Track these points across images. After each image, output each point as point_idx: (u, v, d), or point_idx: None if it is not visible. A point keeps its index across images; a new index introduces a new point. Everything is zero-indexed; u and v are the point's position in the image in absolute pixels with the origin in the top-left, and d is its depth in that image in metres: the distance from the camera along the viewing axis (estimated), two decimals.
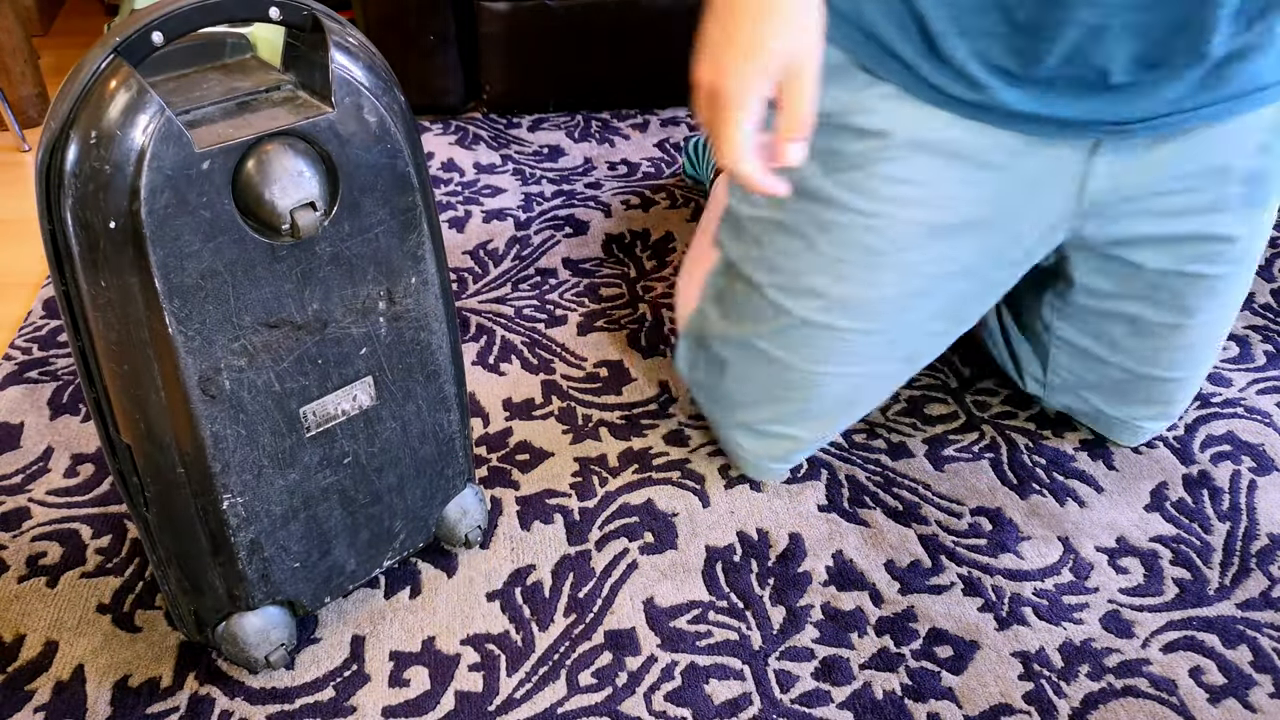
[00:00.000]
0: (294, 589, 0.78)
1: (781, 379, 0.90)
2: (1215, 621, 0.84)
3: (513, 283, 1.26)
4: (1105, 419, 1.00)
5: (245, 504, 0.71)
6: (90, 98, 0.58)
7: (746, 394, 0.93)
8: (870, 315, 0.87)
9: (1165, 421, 0.99)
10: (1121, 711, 0.77)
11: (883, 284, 0.85)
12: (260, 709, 0.77)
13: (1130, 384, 0.96)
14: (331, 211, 0.66)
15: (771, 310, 0.89)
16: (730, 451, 0.97)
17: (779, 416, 0.92)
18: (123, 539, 0.91)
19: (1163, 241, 0.87)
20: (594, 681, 0.79)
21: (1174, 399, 0.97)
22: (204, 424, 0.67)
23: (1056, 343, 0.98)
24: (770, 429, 0.93)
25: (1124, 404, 0.98)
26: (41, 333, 1.16)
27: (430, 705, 0.77)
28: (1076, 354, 0.97)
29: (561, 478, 0.98)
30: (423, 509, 0.84)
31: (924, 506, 0.95)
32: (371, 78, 0.66)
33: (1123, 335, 0.94)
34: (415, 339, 0.76)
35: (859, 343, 0.88)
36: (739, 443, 0.95)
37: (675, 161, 1.51)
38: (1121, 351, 0.94)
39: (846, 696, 0.78)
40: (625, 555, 0.90)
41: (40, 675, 0.79)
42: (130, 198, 0.59)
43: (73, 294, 0.63)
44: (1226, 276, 0.89)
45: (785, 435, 0.93)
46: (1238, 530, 0.92)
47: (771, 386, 0.91)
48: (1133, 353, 0.94)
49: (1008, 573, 0.88)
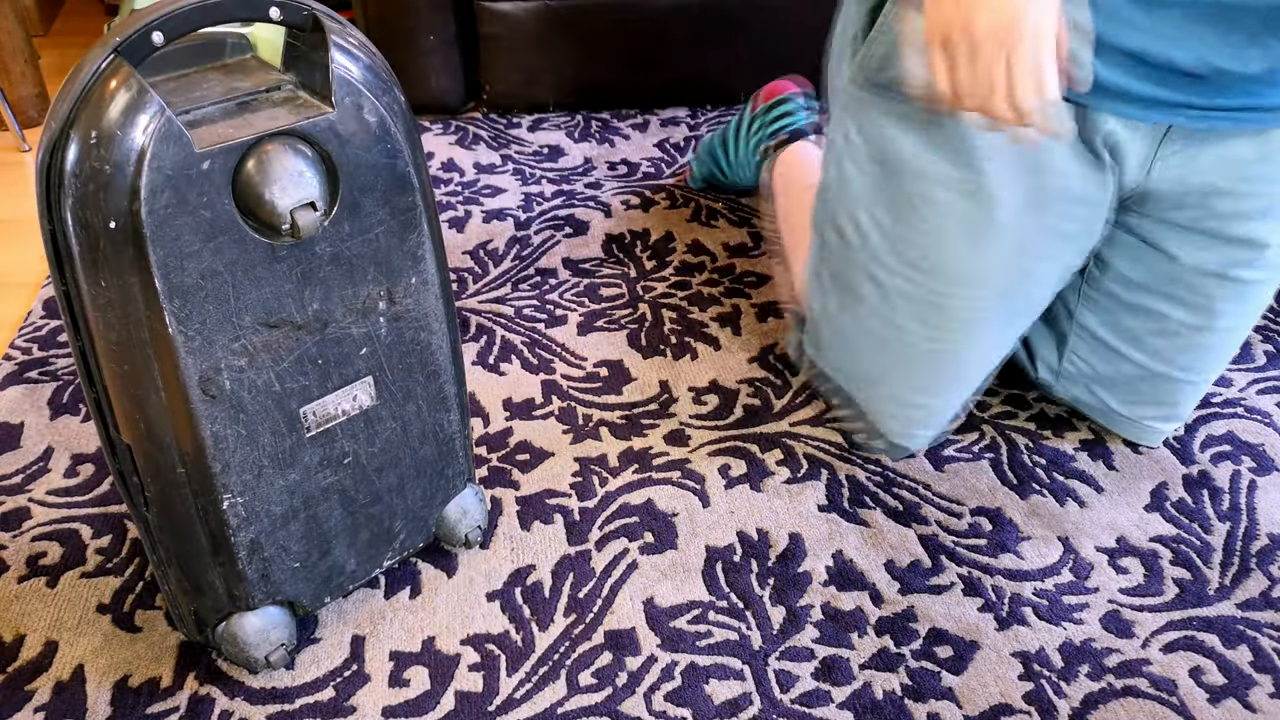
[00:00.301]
0: (294, 589, 0.78)
1: (901, 350, 0.93)
2: (1215, 621, 0.84)
3: (513, 283, 1.26)
4: (1112, 415, 1.00)
5: (245, 504, 0.71)
6: (90, 98, 0.58)
7: (872, 367, 0.96)
8: (975, 283, 0.88)
9: (1174, 422, 0.99)
10: (1121, 711, 0.77)
11: (983, 253, 0.87)
12: (260, 709, 0.77)
13: (1143, 381, 0.96)
14: (331, 211, 0.66)
15: (880, 283, 0.91)
16: (868, 425, 0.99)
17: (909, 386, 0.94)
18: (123, 539, 0.91)
19: (1206, 238, 0.87)
20: (594, 681, 0.79)
21: (1182, 400, 0.97)
22: (204, 424, 0.67)
23: (1078, 330, 0.99)
24: (905, 398, 0.95)
25: (1133, 402, 0.98)
26: (42, 333, 1.16)
27: (430, 705, 0.77)
28: (1095, 345, 0.98)
29: (561, 478, 0.98)
30: (423, 509, 0.84)
31: (924, 506, 0.95)
32: (371, 78, 0.66)
33: (1145, 331, 0.94)
34: (415, 339, 0.76)
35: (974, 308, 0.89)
36: (876, 415, 0.98)
37: (675, 161, 1.51)
38: (1141, 348, 0.95)
39: (846, 696, 0.78)
40: (625, 555, 0.90)
41: (40, 675, 0.79)
42: (130, 198, 0.59)
43: (73, 294, 0.63)
44: (1256, 283, 0.89)
45: (916, 405, 0.95)
46: (1238, 530, 0.92)
47: (894, 357, 0.94)
48: (1151, 350, 0.94)
49: (1008, 573, 0.88)
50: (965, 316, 0.90)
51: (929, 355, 0.93)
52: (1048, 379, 1.03)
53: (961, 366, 0.94)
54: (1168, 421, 0.99)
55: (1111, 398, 0.99)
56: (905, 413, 0.97)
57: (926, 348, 0.92)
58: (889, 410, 0.97)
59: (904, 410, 0.96)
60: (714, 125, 1.61)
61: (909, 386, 0.95)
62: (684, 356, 1.13)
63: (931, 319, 0.91)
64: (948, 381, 0.95)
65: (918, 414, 0.96)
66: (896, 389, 0.96)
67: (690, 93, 1.65)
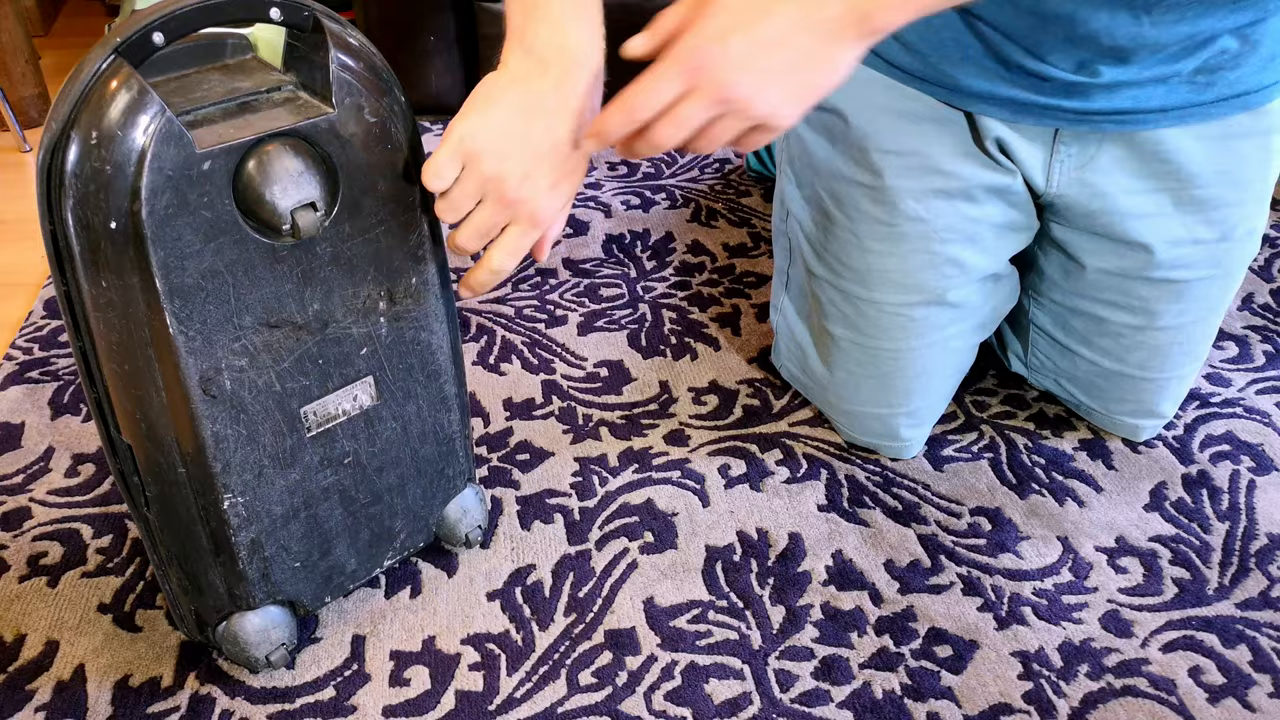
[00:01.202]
0: (295, 588, 0.78)
1: (851, 358, 0.94)
2: (1214, 621, 0.84)
3: (513, 283, 1.26)
4: (1087, 409, 1.01)
5: (246, 504, 0.71)
6: (91, 98, 0.59)
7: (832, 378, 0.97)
8: (894, 287, 0.89)
9: (1154, 419, 0.99)
10: (1121, 711, 0.77)
11: (901, 253, 0.87)
12: (261, 708, 0.77)
13: (1102, 379, 0.97)
14: (332, 212, 0.67)
15: (824, 287, 0.93)
16: (850, 437, 1.00)
17: (865, 398, 0.95)
18: (123, 539, 0.91)
19: (1105, 241, 0.88)
20: (594, 681, 0.79)
21: (1151, 398, 0.97)
22: (205, 424, 0.67)
23: (1034, 329, 1.00)
24: (862, 410, 0.96)
25: (1100, 398, 0.99)
26: (42, 333, 1.16)
27: (431, 705, 0.78)
28: (1052, 343, 0.99)
29: (561, 477, 0.98)
30: (423, 509, 0.84)
31: (923, 506, 0.95)
32: (372, 78, 0.66)
33: (1089, 331, 0.95)
34: (416, 339, 0.76)
35: (909, 314, 0.90)
36: (843, 428, 0.99)
37: (675, 161, 1.52)
38: (1091, 348, 0.96)
39: (846, 696, 0.78)
40: (625, 555, 0.90)
41: (41, 675, 0.80)
42: (131, 198, 0.59)
43: (74, 294, 0.63)
44: (1193, 281, 0.89)
45: (876, 415, 0.96)
46: (1237, 530, 0.92)
47: (847, 367, 0.95)
48: (1101, 350, 0.95)
49: (1007, 572, 0.88)
50: (894, 324, 0.90)
51: (868, 366, 0.94)
52: (1020, 370, 1.05)
53: (906, 379, 0.94)
54: (1144, 418, 0.99)
55: (1079, 392, 1.00)
56: (861, 423, 0.97)
57: (858, 357, 0.94)
58: (842, 421, 0.99)
59: (859, 421, 0.97)
60: None
61: (855, 399, 0.96)
62: (684, 357, 1.13)
63: (864, 328, 0.92)
64: (896, 394, 0.94)
65: (872, 424, 0.97)
66: (842, 400, 0.97)
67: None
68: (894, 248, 0.88)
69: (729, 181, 1.47)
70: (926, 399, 0.96)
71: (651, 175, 1.48)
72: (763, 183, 1.47)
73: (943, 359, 0.95)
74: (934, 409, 0.98)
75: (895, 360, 0.92)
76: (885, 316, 0.90)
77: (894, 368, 0.93)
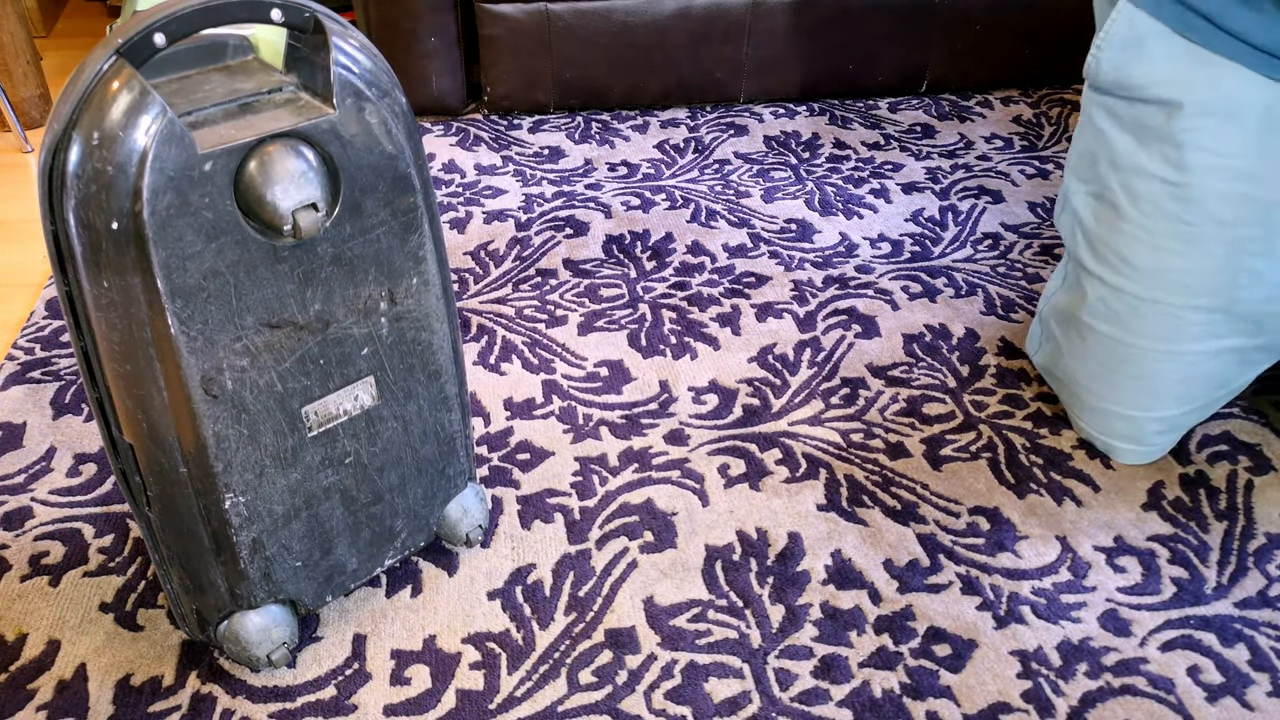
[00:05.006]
0: (296, 588, 0.78)
1: (1114, 355, 0.91)
2: (1213, 620, 0.84)
3: (513, 283, 1.26)
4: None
5: (247, 503, 0.72)
6: (93, 99, 0.59)
7: (1085, 373, 0.95)
8: (1192, 289, 0.86)
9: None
10: (1119, 710, 0.78)
11: (1198, 255, 0.85)
12: (262, 707, 0.77)
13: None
14: (333, 212, 0.67)
15: (1094, 283, 0.90)
16: (1087, 435, 0.99)
17: (1119, 397, 0.93)
18: (125, 538, 0.91)
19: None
20: (594, 680, 0.80)
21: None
22: (206, 424, 0.67)
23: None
24: (1113, 409, 0.94)
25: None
26: (44, 333, 1.17)
27: (431, 703, 0.78)
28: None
29: (562, 477, 0.98)
30: (424, 508, 0.84)
31: (922, 506, 0.95)
32: (373, 79, 0.66)
33: None
34: (416, 339, 0.76)
35: (1188, 317, 0.88)
36: (1087, 424, 0.97)
37: (675, 162, 1.52)
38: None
39: (845, 695, 0.78)
40: (625, 554, 0.90)
41: (43, 674, 0.80)
42: (132, 199, 0.59)
43: (75, 294, 0.64)
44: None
45: (1127, 416, 0.94)
46: (1235, 529, 0.92)
47: (1107, 364, 0.93)
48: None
49: (1006, 572, 0.88)
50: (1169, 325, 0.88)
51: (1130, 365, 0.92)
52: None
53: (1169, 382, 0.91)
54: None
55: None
56: (1108, 423, 0.95)
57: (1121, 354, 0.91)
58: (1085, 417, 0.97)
59: (1107, 420, 0.95)
60: (713, 126, 1.62)
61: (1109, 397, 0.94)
62: (684, 356, 1.13)
63: (1134, 326, 0.89)
64: (1155, 397, 0.92)
65: (1120, 425, 0.95)
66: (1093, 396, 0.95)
67: (690, 94, 1.66)
68: (1188, 248, 0.85)
69: (729, 182, 1.47)
70: (1184, 406, 0.93)
71: (651, 175, 1.48)
72: (763, 183, 1.47)
73: (1213, 369, 0.91)
74: (1189, 419, 0.96)
75: (1162, 362, 0.90)
76: (1162, 317, 0.88)
77: (1158, 369, 0.90)
